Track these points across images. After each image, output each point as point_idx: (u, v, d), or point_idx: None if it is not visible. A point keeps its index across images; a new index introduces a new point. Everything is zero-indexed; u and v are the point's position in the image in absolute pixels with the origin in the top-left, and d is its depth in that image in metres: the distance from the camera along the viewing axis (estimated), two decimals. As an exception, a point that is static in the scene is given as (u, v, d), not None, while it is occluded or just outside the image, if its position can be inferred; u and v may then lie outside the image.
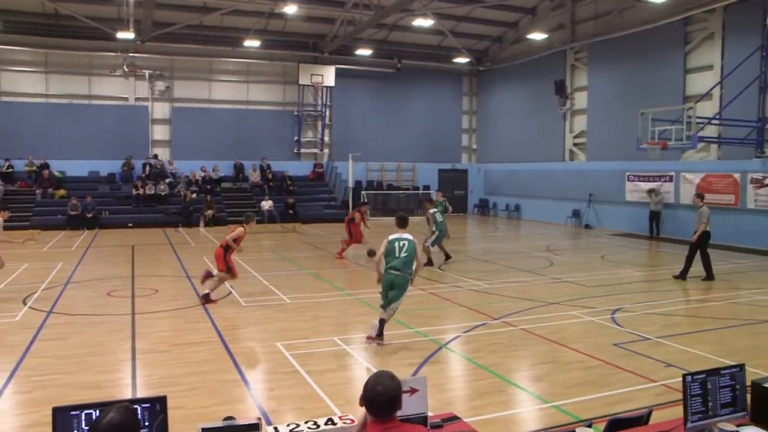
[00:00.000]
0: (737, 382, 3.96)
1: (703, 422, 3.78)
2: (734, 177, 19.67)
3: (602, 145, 25.20)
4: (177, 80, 28.58)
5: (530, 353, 8.12)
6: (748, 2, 19.13)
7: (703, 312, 10.61)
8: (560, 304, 11.08)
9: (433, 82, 32.67)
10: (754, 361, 7.45)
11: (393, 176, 32.33)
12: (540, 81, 28.31)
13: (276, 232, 23.75)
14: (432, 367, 7.46)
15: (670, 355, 7.94)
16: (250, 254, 17.45)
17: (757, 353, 8.13)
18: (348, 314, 10.42)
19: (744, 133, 18.65)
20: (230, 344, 8.32)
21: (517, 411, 6.27)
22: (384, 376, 3.11)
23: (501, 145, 31.83)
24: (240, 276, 11.88)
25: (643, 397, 6.39)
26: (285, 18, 26.86)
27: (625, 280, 13.86)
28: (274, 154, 29.93)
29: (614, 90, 24.59)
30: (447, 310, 10.58)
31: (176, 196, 26.42)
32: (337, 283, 13.06)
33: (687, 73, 21.61)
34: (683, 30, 21.58)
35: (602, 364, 7.54)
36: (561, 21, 26.73)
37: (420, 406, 3.75)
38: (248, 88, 29.80)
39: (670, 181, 21.94)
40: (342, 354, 8.05)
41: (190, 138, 28.42)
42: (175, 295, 11.71)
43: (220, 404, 6.15)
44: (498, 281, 13.48)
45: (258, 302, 11.08)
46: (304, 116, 30.61)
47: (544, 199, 28.32)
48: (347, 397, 6.29)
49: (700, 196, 14.04)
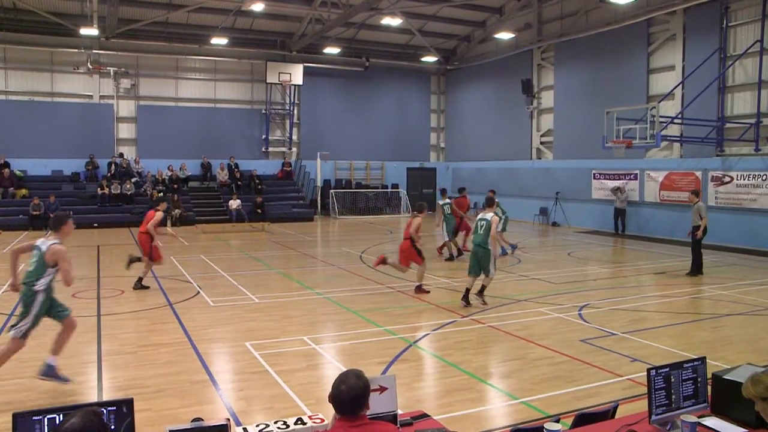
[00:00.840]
0: (699, 375, 4.06)
1: (667, 415, 3.87)
2: (696, 175, 20.10)
3: (569, 143, 25.54)
4: (143, 78, 28.15)
5: (499, 350, 8.20)
6: (707, 5, 19.57)
7: (666, 307, 10.82)
8: (528, 301, 11.20)
9: (401, 81, 32.74)
10: (714, 354, 7.65)
11: (362, 175, 32.32)
12: (507, 80, 28.57)
13: (244, 232, 23.57)
14: (402, 365, 7.48)
15: (636, 350, 8.09)
16: (218, 254, 17.31)
17: (718, 346, 8.34)
18: (317, 313, 10.39)
19: (705, 132, 19.07)
20: (198, 345, 8.23)
21: (487, 407, 6.32)
22: (350, 375, 3.14)
23: (469, 144, 32.04)
24: (209, 276, 11.74)
25: (610, 392, 6.49)
26: (252, 16, 26.64)
27: (591, 277, 14.07)
28: (241, 153, 29.69)
29: (580, 89, 24.93)
30: (416, 308, 10.62)
31: (143, 195, 26.02)
32: (306, 283, 13.01)
33: (650, 73, 22.01)
34: (646, 31, 21.98)
35: (570, 360, 7.64)
36: (528, 21, 27.01)
37: (389, 404, 3.77)
38: (215, 87, 29.50)
39: (634, 179, 22.33)
40: (311, 353, 8.03)
41: (157, 136, 28.02)
42: (141, 296, 11.54)
43: (189, 406, 6.09)
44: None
45: (226, 302, 10.98)
46: (272, 115, 30.42)
47: (512, 197, 28.50)
48: (317, 396, 6.27)
49: (695, 193, 14.50)
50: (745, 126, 18.70)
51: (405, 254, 11.77)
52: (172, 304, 10.75)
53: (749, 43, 18.67)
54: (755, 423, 3.66)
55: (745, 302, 11.23)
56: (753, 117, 18.58)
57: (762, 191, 18.20)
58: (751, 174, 18.54)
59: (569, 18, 25.06)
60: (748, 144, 18.73)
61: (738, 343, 8.74)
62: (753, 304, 11.11)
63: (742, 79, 19.14)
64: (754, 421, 3.65)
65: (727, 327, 9.64)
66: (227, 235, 22.39)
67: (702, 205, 13.96)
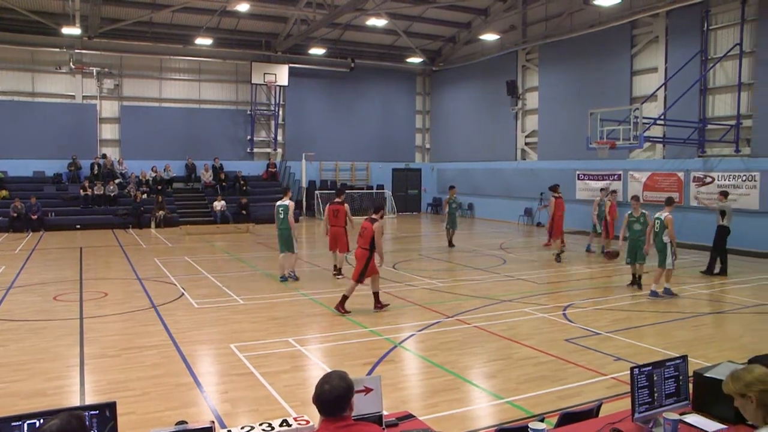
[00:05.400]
0: (680, 373, 4.11)
1: (650, 413, 3.91)
2: (678, 176, 20.29)
3: (553, 144, 25.68)
4: (126, 78, 27.94)
5: (484, 350, 8.22)
6: (688, 8, 19.77)
7: (649, 307, 10.92)
8: (513, 301, 11.25)
9: (386, 82, 32.77)
10: (695, 352, 7.74)
11: (347, 176, 32.29)
12: (492, 81, 28.68)
13: (229, 233, 23.47)
14: (387, 366, 7.48)
15: (619, 349, 8.15)
16: (203, 255, 17.23)
17: (699, 345, 8.43)
18: (302, 315, 10.38)
19: (687, 133, 19.26)
20: (183, 347, 8.19)
21: (472, 408, 6.34)
22: (333, 376, 3.14)
23: (454, 145, 32.13)
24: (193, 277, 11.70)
25: (594, 391, 6.54)
26: (237, 16, 26.54)
27: (575, 277, 14.16)
28: (226, 154, 29.57)
29: (564, 90, 25.08)
30: (401, 309, 10.63)
31: (126, 196, 25.83)
32: (291, 284, 12.98)
33: (633, 74, 22.19)
34: (630, 33, 22.16)
35: (554, 360, 7.68)
36: (513, 22, 27.13)
37: (375, 405, 3.77)
38: (200, 87, 29.35)
39: (618, 179, 22.49)
40: (296, 355, 8.01)
41: (141, 137, 27.82)
42: (125, 298, 11.45)
43: (173, 408, 6.05)
44: (452, 279, 13.62)
45: (211, 304, 10.93)
46: (257, 115, 30.32)
47: (497, 198, 28.71)
48: (302, 398, 6.26)
49: (724, 194, 14.85)
50: (726, 127, 18.93)
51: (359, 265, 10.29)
52: (156, 306, 10.68)
53: (729, 46, 18.88)
54: (734, 419, 3.72)
55: (725, 301, 11.36)
56: (733, 119, 18.80)
57: (742, 192, 18.41)
58: (732, 175, 18.75)
59: (554, 20, 25.20)
60: (729, 145, 18.94)
61: (718, 341, 8.86)
62: (732, 302, 11.24)
63: (723, 82, 19.35)
64: (733, 418, 3.71)
65: (708, 325, 9.76)
66: (212, 236, 22.29)
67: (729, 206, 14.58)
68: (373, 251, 10.11)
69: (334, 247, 14.11)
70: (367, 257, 10.14)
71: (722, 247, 14.29)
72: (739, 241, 16.82)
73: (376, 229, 10.03)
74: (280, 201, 13.86)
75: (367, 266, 10.16)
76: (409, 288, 12.51)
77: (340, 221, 13.86)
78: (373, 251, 10.11)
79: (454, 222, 19.47)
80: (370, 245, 10.11)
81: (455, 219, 19.57)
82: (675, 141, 19.46)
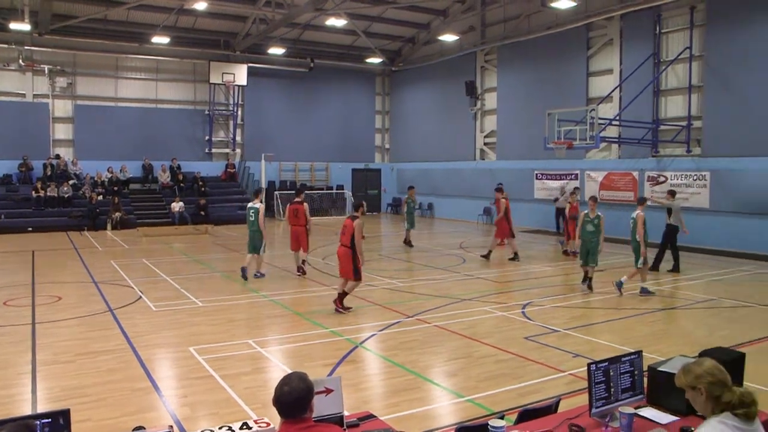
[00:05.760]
0: (635, 367, 4.21)
1: (606, 407, 3.99)
2: (633, 175, 20.77)
3: (511, 144, 26.00)
4: (80, 76, 27.27)
5: (444, 349, 8.28)
6: (641, 12, 20.27)
7: (605, 303, 11.14)
8: (473, 300, 11.36)
9: (346, 82, 32.72)
10: (650, 347, 7.92)
11: (306, 176, 32.15)
12: (451, 81, 28.90)
13: (187, 234, 23.14)
14: (348, 366, 7.48)
15: (577, 345, 8.30)
16: (161, 257, 16.95)
17: (654, 340, 8.64)
18: (262, 316, 10.30)
19: (641, 133, 19.73)
20: (140, 351, 8.04)
21: (433, 406, 6.38)
22: (293, 377, 3.12)
23: (414, 145, 32.27)
24: (151, 280, 11.50)
25: (553, 387, 6.65)
26: (195, 14, 26.16)
27: (533, 275, 14.36)
28: (184, 155, 29.13)
29: (523, 91, 25.42)
30: (362, 309, 10.62)
31: (81, 198, 25.23)
32: (250, 285, 12.86)
33: (590, 76, 22.63)
34: (586, 35, 22.59)
35: (514, 357, 7.78)
36: (471, 23, 27.39)
37: (335, 406, 3.76)
38: (157, 86, 28.84)
39: (575, 179, 22.89)
40: (257, 356, 7.95)
41: (96, 137, 27.19)
42: (80, 302, 11.18)
43: (130, 414, 5.94)
44: (412, 279, 13.69)
45: (169, 307, 10.76)
46: (215, 115, 29.95)
47: (456, 198, 28.93)
48: (263, 400, 6.21)
49: (671, 193, 15.21)
50: (678, 128, 19.45)
51: (343, 263, 10.38)
52: (113, 309, 10.47)
53: (680, 49, 19.41)
54: (686, 411, 3.85)
55: (679, 296, 11.66)
56: (685, 120, 19.33)
57: (693, 191, 18.94)
58: (684, 174, 19.28)
59: (512, 21, 25.53)
60: (681, 146, 19.48)
61: (672, 335, 9.10)
62: (686, 298, 11.55)
63: (675, 84, 19.88)
64: (685, 409, 3.83)
65: (662, 321, 10.02)
66: (170, 238, 21.94)
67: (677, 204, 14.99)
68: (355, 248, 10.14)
69: (295, 246, 14.10)
70: (351, 255, 10.17)
71: (673, 244, 14.70)
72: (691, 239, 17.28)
73: (356, 226, 10.06)
74: (251, 203, 13.96)
75: (356, 262, 10.20)
76: (369, 288, 12.51)
77: (300, 221, 13.99)
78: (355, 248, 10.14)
79: (412, 221, 19.75)
80: (351, 243, 10.13)
81: (413, 218, 19.87)
82: (630, 141, 19.91)
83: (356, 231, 10.05)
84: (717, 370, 3.14)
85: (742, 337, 8.74)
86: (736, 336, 8.79)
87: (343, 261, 10.32)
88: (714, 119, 18.62)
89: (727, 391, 3.06)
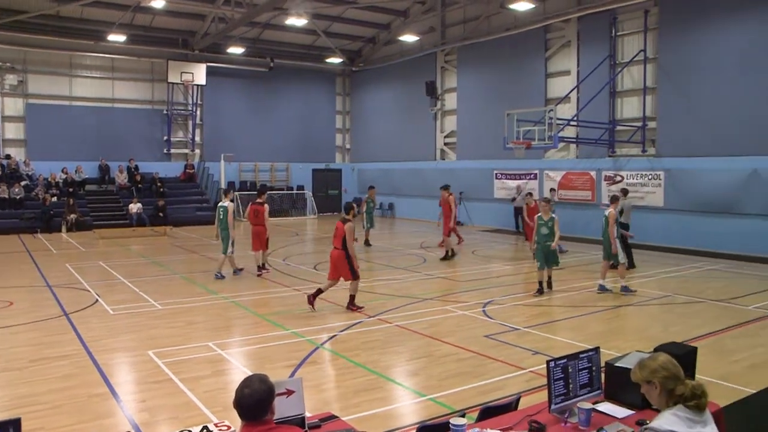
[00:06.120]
0: (593, 364, 4.30)
1: (565, 403, 4.07)
2: (590, 174, 21.16)
3: (471, 144, 26.23)
4: (32, 74, 26.52)
5: (406, 349, 8.31)
6: (598, 15, 20.66)
7: (565, 301, 11.32)
8: (434, 299, 11.42)
9: (306, 82, 32.57)
10: (608, 343, 8.08)
11: (266, 176, 31.89)
12: (411, 82, 29.01)
13: (146, 236, 22.74)
14: (309, 367, 7.45)
15: (537, 343, 8.42)
16: (118, 259, 16.62)
17: (611, 336, 8.82)
18: (223, 318, 10.19)
19: (598, 134, 20.12)
20: (97, 356, 7.87)
21: (395, 406, 6.40)
22: (254, 379, 3.11)
23: (374, 145, 32.30)
24: (108, 283, 11.27)
25: (513, 385, 6.73)
26: (152, 12, 25.72)
27: (494, 274, 14.52)
28: (142, 155, 28.61)
29: (482, 91, 25.67)
30: (323, 310, 10.58)
31: (34, 199, 24.56)
32: (210, 287, 12.71)
33: (548, 77, 22.98)
34: (544, 37, 22.93)
35: (475, 356, 7.85)
36: (432, 24, 27.55)
37: (297, 408, 3.75)
38: (113, 85, 28.25)
39: (534, 179, 23.22)
40: (217, 359, 7.85)
41: (49, 137, 26.50)
42: (33, 307, 10.89)
43: (87, 421, 5.81)
44: (373, 279, 13.68)
45: (127, 310, 10.56)
46: (173, 115, 29.50)
47: (417, 198, 29.03)
48: (223, 403, 6.14)
49: (624, 192, 15.54)
50: (633, 129, 19.89)
51: (336, 266, 10.35)
52: (68, 313, 10.22)
53: (635, 52, 19.84)
54: (642, 405, 3.96)
55: (635, 294, 11.90)
56: (640, 120, 19.79)
57: (648, 190, 19.39)
58: (639, 173, 19.72)
59: (471, 22, 25.75)
60: (636, 146, 19.92)
61: (628, 332, 9.30)
62: (641, 295, 11.81)
63: (630, 85, 20.32)
64: (640, 403, 3.95)
65: (619, 318, 10.23)
66: (127, 240, 21.53)
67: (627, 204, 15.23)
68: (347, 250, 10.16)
69: (257, 246, 14.13)
70: (345, 256, 10.17)
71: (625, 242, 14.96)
72: (645, 236, 17.69)
73: (347, 229, 10.09)
74: (221, 202, 14.15)
75: (351, 263, 10.19)
76: (330, 289, 12.46)
77: (260, 220, 14.10)
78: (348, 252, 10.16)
79: (371, 221, 19.88)
80: (342, 245, 10.15)
81: (372, 218, 20.01)
82: (587, 141, 20.28)
83: (347, 234, 10.06)
84: (671, 364, 3.24)
85: (694, 331, 8.99)
86: (689, 331, 9.03)
87: (338, 264, 10.29)
88: (667, 120, 19.09)
89: (680, 385, 3.16)
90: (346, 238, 10.09)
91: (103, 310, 10.58)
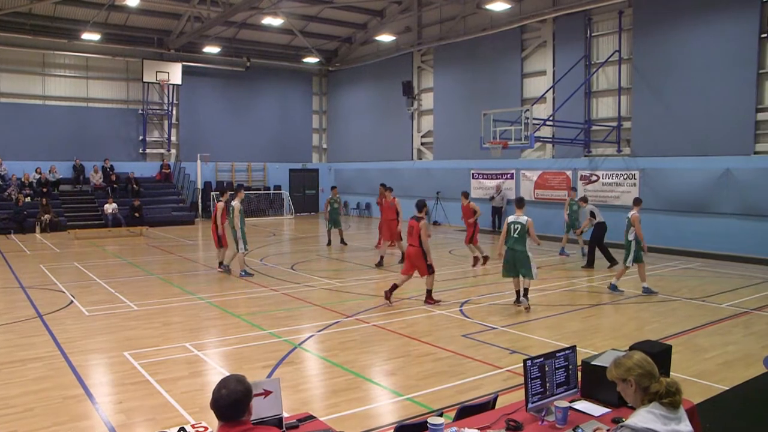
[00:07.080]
0: (570, 362, 4.34)
1: (542, 402, 4.10)
2: (566, 174, 21.35)
3: (448, 144, 26.32)
4: (3, 73, 26.07)
5: (384, 348, 8.32)
6: (573, 15, 20.86)
7: (541, 300, 11.41)
8: (411, 299, 11.44)
9: (283, 82, 32.46)
10: (584, 342, 8.17)
11: (243, 176, 31.71)
12: (388, 82, 29.05)
13: (121, 237, 22.48)
14: (287, 368, 7.43)
15: (514, 342, 8.48)
16: (94, 260, 16.41)
17: (587, 335, 8.91)
18: (199, 319, 10.11)
19: (574, 133, 20.32)
20: (72, 357, 7.77)
21: (373, 406, 6.40)
22: (231, 380, 3.11)
23: (351, 145, 32.28)
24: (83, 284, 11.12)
25: (491, 384, 6.77)
26: (127, 11, 25.44)
27: (471, 274, 14.59)
28: (117, 155, 28.28)
29: (459, 91, 25.77)
30: (300, 310, 10.57)
31: (6, 200, 24.15)
32: (187, 288, 12.61)
33: (524, 77, 23.14)
34: (520, 37, 23.09)
35: (452, 355, 7.88)
36: (408, 24, 27.59)
37: (274, 408, 3.74)
38: (88, 85, 27.87)
39: (511, 178, 23.37)
40: (194, 360, 7.80)
41: (22, 137, 26.08)
42: (5, 308, 10.71)
43: (61, 424, 5.73)
44: (350, 279, 13.68)
45: (103, 311, 10.43)
46: (149, 115, 29.19)
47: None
48: (200, 404, 6.11)
49: (584, 200, 16.28)
50: (609, 129, 20.11)
51: (412, 262, 10.74)
52: (42, 315, 10.08)
53: (610, 52, 20.07)
54: (617, 403, 4.00)
55: (610, 293, 12.04)
56: (615, 120, 20.01)
57: (624, 189, 19.62)
58: (614, 173, 19.95)
59: (448, 22, 25.84)
60: (612, 145, 20.15)
61: (604, 330, 9.40)
62: (617, 294, 11.92)
63: (605, 86, 20.54)
64: (616, 401, 3.98)
65: (595, 316, 10.33)
66: (103, 240, 21.27)
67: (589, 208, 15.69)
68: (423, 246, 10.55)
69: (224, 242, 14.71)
70: (422, 253, 10.58)
71: (600, 241, 15.17)
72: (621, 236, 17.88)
73: (422, 227, 10.53)
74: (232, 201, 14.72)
75: (427, 259, 10.61)
76: (307, 289, 12.45)
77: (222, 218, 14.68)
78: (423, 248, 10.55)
79: (337, 221, 19.16)
80: (418, 242, 10.55)
81: (338, 218, 19.23)
82: (563, 141, 20.47)
83: (422, 231, 10.50)
84: (645, 362, 3.28)
85: (669, 329, 9.12)
86: (663, 329, 9.16)
87: (415, 260, 10.69)
88: (642, 120, 19.34)
89: (654, 382, 3.20)
90: (421, 235, 10.48)
91: (78, 311, 10.45)
